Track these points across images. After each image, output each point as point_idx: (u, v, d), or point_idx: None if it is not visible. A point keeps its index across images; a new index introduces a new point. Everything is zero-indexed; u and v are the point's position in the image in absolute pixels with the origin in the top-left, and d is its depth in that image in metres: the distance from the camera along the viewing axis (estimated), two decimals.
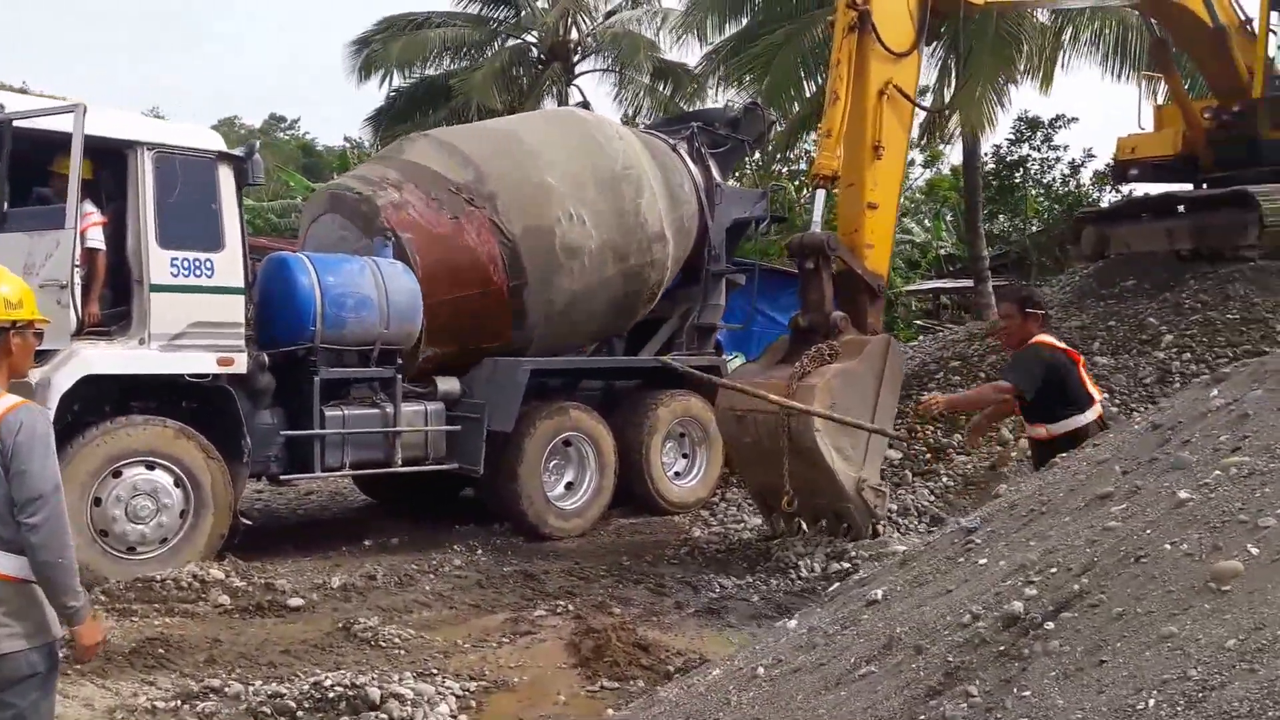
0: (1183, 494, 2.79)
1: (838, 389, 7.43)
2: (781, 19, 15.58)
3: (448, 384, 8.77)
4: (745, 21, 16.85)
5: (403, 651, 5.83)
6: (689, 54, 26.82)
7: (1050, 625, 2.58)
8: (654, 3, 23.21)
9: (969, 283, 20.68)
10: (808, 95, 15.64)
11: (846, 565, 7.30)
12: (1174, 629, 2.32)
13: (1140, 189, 14.41)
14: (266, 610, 6.55)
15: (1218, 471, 2.86)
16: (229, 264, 7.32)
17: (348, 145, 32.85)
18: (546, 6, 23.13)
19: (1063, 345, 5.90)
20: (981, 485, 9.19)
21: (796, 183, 21.04)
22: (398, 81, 22.36)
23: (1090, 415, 5.54)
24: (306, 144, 44.11)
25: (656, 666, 5.54)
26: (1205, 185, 12.49)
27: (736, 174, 15.62)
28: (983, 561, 3.28)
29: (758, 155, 18.24)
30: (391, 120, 21.90)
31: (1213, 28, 11.20)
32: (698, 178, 10.20)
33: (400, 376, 8.29)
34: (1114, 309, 12.03)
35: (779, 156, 20.01)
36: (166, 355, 7.12)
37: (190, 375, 7.24)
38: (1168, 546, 2.62)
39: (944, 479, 9.56)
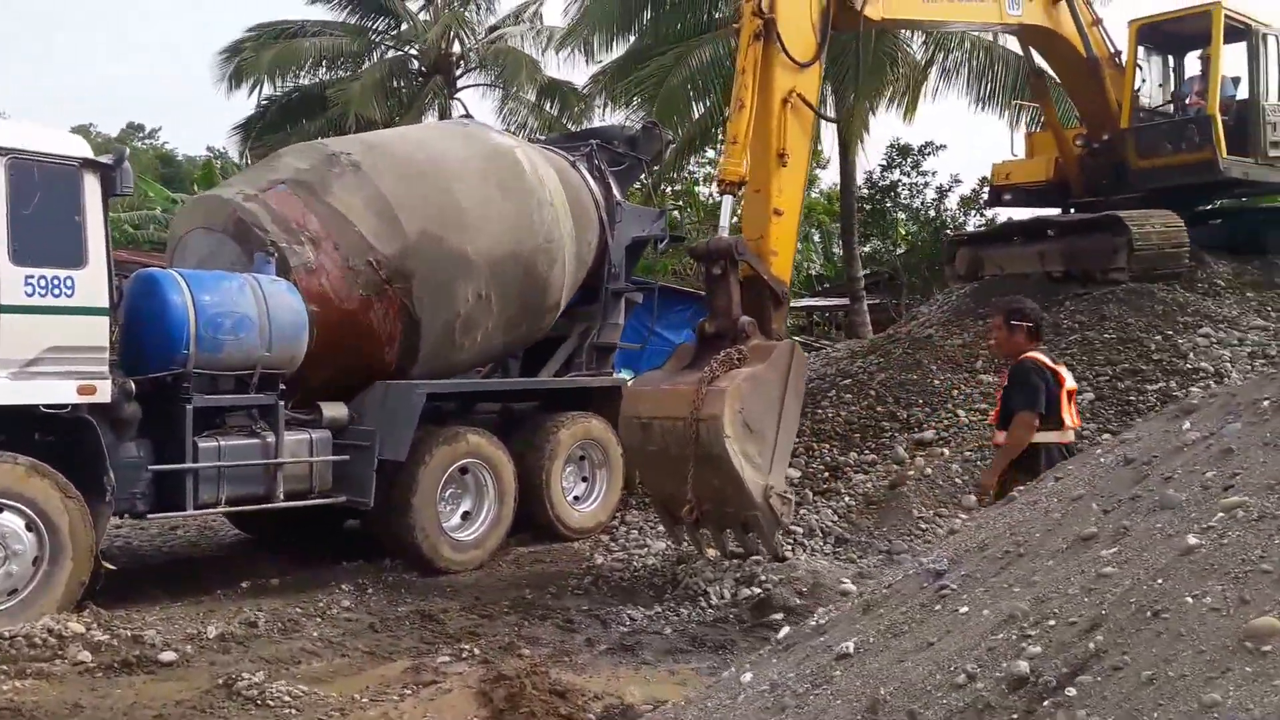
0: (1191, 539, 2.62)
1: (746, 393, 7.26)
2: (671, 40, 15.52)
3: (334, 410, 8.20)
4: (633, 40, 16.73)
5: (294, 710, 5.29)
6: (576, 73, 26.66)
7: (1071, 691, 2.36)
8: (537, 21, 22.98)
9: (844, 301, 21.07)
10: (696, 117, 15.60)
11: (757, 590, 7.16)
12: (1217, 696, 2.12)
13: (1015, 213, 14.85)
14: (135, 667, 5.89)
15: (1220, 514, 2.69)
16: (92, 282, 6.65)
17: (211, 155, 31.47)
18: (429, 19, 22.60)
19: (1050, 364, 5.90)
20: (882, 505, 9.14)
21: (680, 203, 21.05)
22: (269, 90, 21.45)
23: (1052, 437, 5.53)
24: (166, 154, 42.20)
25: (576, 715, 5.18)
26: (1075, 210, 12.89)
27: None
28: (963, 610, 3.06)
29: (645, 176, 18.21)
30: (262, 130, 21.04)
31: (1087, 58, 11.58)
32: (598, 195, 9.97)
33: (282, 403, 7.72)
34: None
35: (665, 177, 19.98)
36: (19, 384, 6.39)
37: (46, 405, 6.53)
38: (1189, 600, 2.43)
39: (845, 498, 9.49)
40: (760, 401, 7.34)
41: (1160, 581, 2.57)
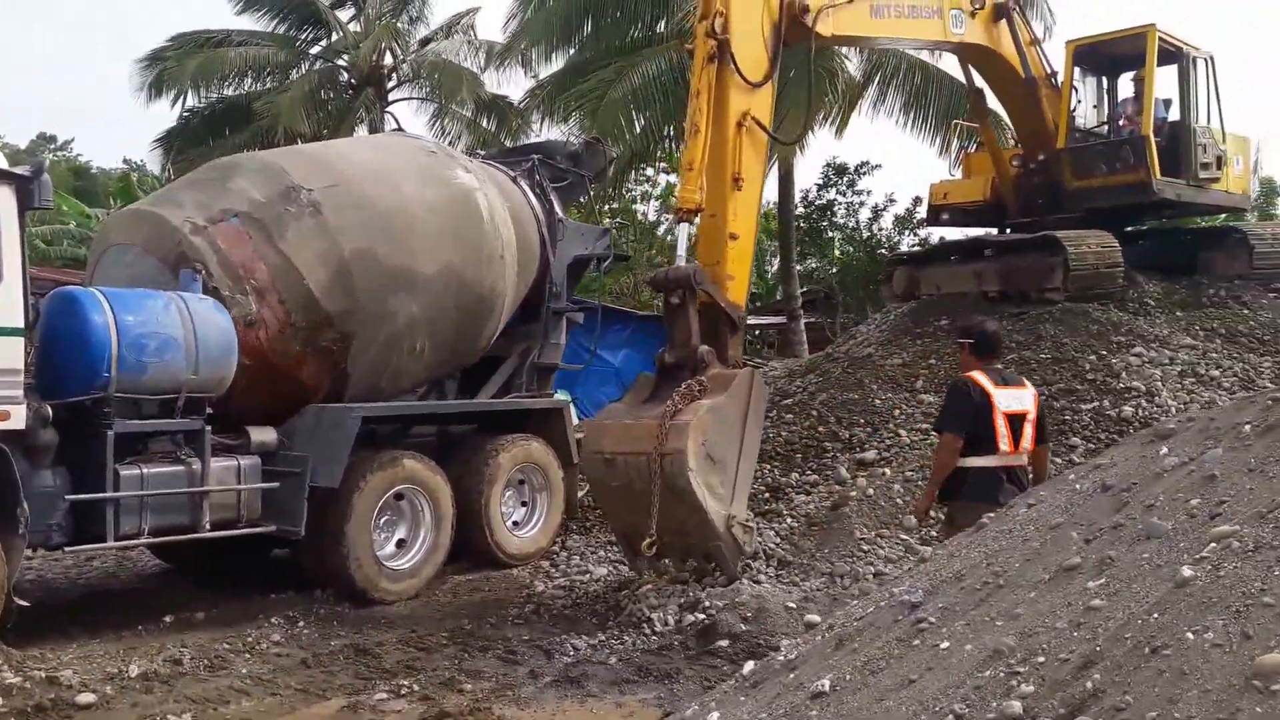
0: (1186, 571, 2.51)
1: (709, 426, 7.29)
2: (613, 54, 15.39)
3: (263, 435, 7.87)
4: (572, 52, 16.58)
5: None
6: (513, 88, 26.44)
7: None
8: (471, 33, 22.73)
9: (778, 319, 21.13)
10: (637, 131, 15.49)
11: (702, 616, 6.99)
12: None
13: (949, 233, 15.00)
14: (50, 711, 5.54)
15: (1212, 544, 2.60)
16: (6, 300, 6.28)
17: (129, 168, 30.56)
18: (359, 30, 22.22)
19: (989, 384, 5.63)
20: (824, 526, 9.05)
21: (619, 220, 20.94)
22: (193, 101, 20.86)
23: (976, 461, 5.40)
24: (80, 166, 40.92)
25: None
26: (1011, 230, 13.03)
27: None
28: (944, 645, 2.93)
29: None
30: (185, 142, 20.40)
31: (1025, 78, 11.72)
32: (539, 212, 9.76)
33: (209, 429, 7.38)
34: (931, 347, 12.28)
35: (604, 195, 19.86)
36: None
37: None
38: (1190, 635, 2.32)
39: (787, 519, 9.38)
40: (722, 432, 7.41)
41: (1156, 616, 2.46)
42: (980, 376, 5.66)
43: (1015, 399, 5.68)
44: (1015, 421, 5.62)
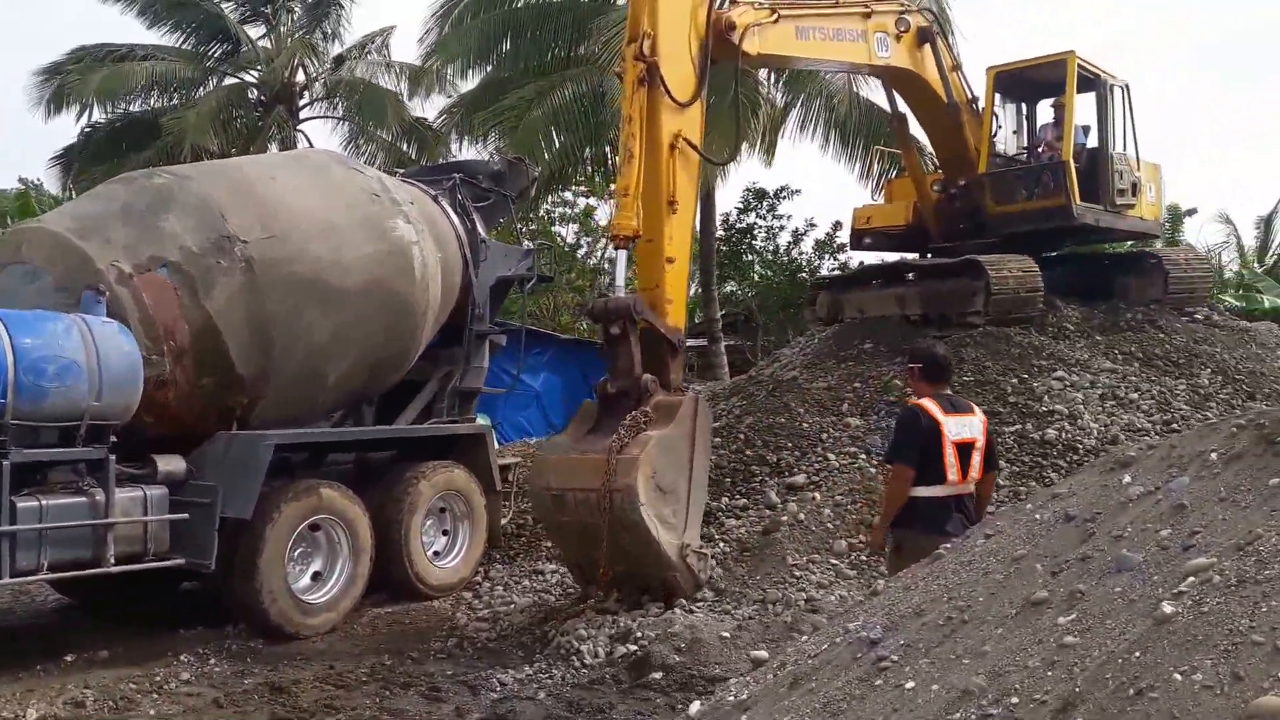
0: (1166, 607, 2.41)
1: (657, 458, 7.31)
2: (531, 74, 15.24)
3: (171, 464, 7.49)
4: (490, 70, 16.38)
5: None
6: (430, 108, 26.08)
7: None
8: (386, 53, 22.39)
9: (701, 342, 21.11)
10: (556, 149, 15.34)
11: (633, 648, 6.83)
12: None
13: (869, 257, 15.12)
14: None
15: (1190, 578, 2.51)
16: None
17: (24, 186, 29.30)
18: (270, 46, 21.69)
19: (938, 411, 5.52)
20: (756, 552, 8.95)
21: (539, 242, 20.74)
22: (98, 116, 20.11)
23: (923, 490, 5.31)
24: None
25: None
26: (933, 255, 13.17)
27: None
28: (909, 686, 2.79)
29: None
30: (86, 160, 19.62)
31: (947, 104, 11.85)
32: (461, 232, 9.53)
33: (113, 457, 6.98)
34: (856, 370, 12.31)
35: (522, 216, 19.66)
36: None
37: None
38: (1177, 676, 2.22)
39: (719, 544, 9.26)
40: (671, 462, 7.44)
41: (1139, 654, 2.36)
42: (929, 404, 5.58)
43: (965, 427, 5.60)
44: (964, 450, 5.54)
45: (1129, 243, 14.92)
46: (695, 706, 3.68)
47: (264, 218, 8.02)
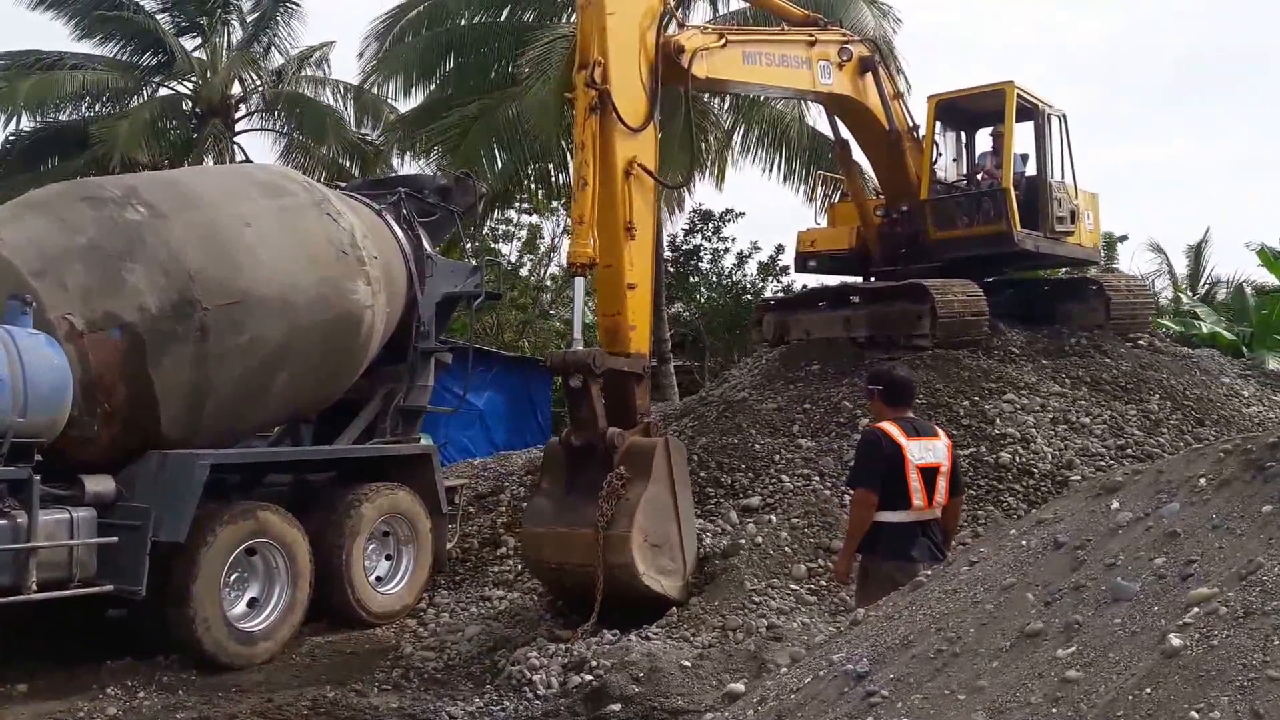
0: (1174, 640, 2.32)
1: (645, 523, 7.45)
2: (475, 92, 15.07)
3: (99, 484, 7.17)
4: (433, 88, 16.18)
5: None
6: (368, 125, 25.79)
7: None
8: (325, 68, 22.08)
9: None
10: (499, 169, 15.17)
11: (589, 677, 6.65)
12: None
13: (812, 280, 15.19)
14: None
15: (1194, 609, 2.42)
16: None
17: None
18: (204, 58, 21.24)
19: (900, 435, 5.36)
20: (713, 578, 8.80)
21: (489, 258, 20.57)
22: (26, 124, 19.51)
23: (895, 517, 5.21)
24: None
25: None
26: (875, 278, 13.26)
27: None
28: None
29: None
30: (10, 169, 18.97)
31: (888, 131, 11.98)
32: (406, 248, 9.30)
33: (38, 477, 6.63)
34: (805, 392, 12.28)
35: (464, 234, 19.46)
36: None
37: None
38: (1194, 714, 2.11)
39: None
40: (658, 516, 7.62)
41: (1150, 691, 2.25)
42: (891, 428, 5.41)
43: (928, 450, 5.43)
44: (928, 475, 5.38)
45: (1063, 270, 15.20)
46: None
47: (229, 278, 7.75)
